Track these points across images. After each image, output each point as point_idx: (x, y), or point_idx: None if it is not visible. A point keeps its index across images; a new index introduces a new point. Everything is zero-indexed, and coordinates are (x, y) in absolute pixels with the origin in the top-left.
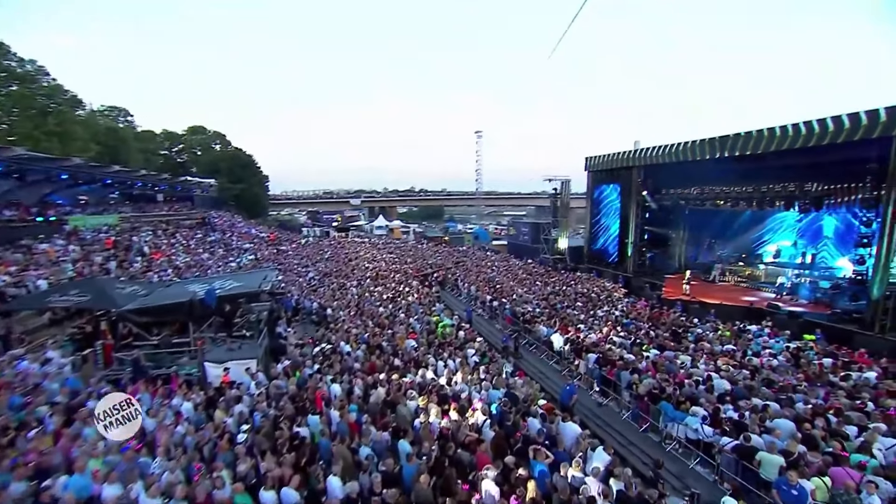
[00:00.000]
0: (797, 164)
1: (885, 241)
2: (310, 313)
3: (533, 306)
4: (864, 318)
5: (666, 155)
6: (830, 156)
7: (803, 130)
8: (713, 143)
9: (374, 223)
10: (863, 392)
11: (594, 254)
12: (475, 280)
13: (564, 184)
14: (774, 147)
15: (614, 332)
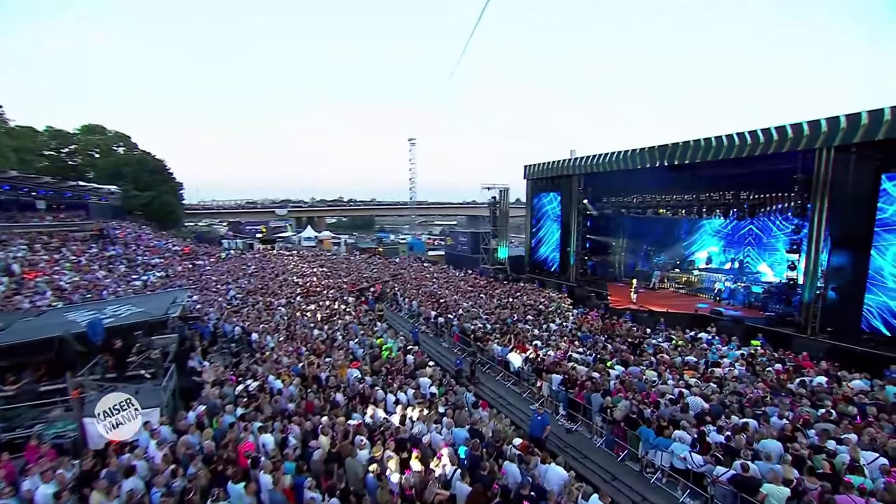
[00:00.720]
0: (732, 173)
1: (814, 247)
2: (231, 340)
3: (483, 322)
4: (797, 322)
5: (605, 163)
6: (763, 166)
7: (737, 141)
8: (651, 153)
9: (303, 234)
10: (825, 400)
11: (535, 263)
12: (416, 294)
13: (503, 192)
14: (711, 157)
15: (572, 348)
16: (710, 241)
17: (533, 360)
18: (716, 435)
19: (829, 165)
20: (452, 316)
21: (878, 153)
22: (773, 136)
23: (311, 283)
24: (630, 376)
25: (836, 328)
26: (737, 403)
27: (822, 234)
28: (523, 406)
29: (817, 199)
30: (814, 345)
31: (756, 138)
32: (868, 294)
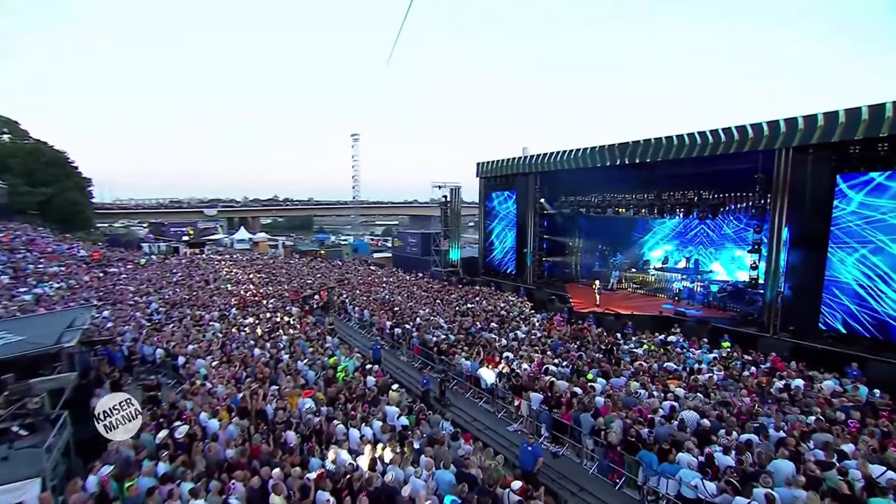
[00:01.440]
0: (694, 172)
1: (774, 246)
2: (152, 366)
3: (445, 332)
4: (761, 321)
5: (563, 161)
6: (724, 165)
7: (698, 140)
8: (611, 151)
9: (235, 236)
10: (811, 405)
11: (490, 265)
12: (367, 302)
13: (454, 191)
14: (672, 155)
15: (546, 359)
16: (665, 240)
17: (507, 376)
18: (722, 457)
19: (788, 166)
20: (410, 326)
21: (833, 154)
22: (734, 136)
23: (248, 291)
24: (614, 389)
25: (797, 327)
26: (727, 414)
27: (782, 233)
28: (499, 428)
29: (777, 199)
30: (778, 344)
31: (717, 137)
32: (825, 293)
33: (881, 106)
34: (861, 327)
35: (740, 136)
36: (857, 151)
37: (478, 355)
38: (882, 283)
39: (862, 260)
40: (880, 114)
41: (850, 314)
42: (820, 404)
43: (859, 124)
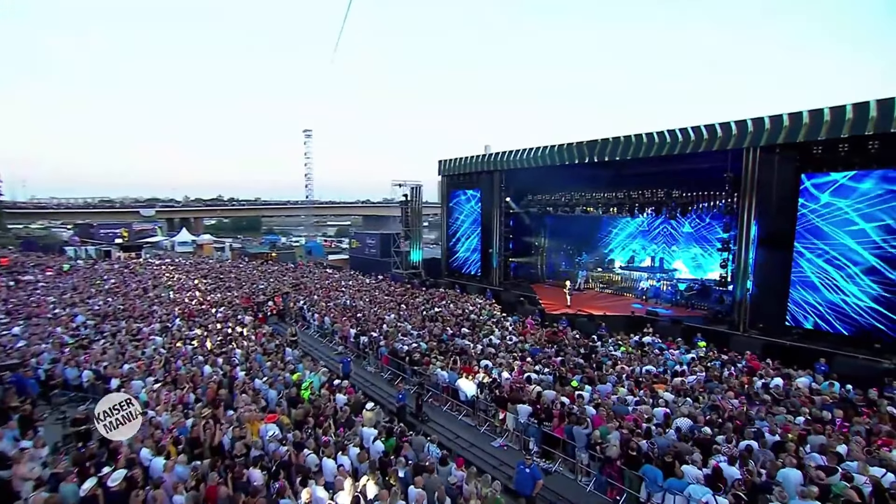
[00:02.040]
0: (663, 171)
1: (743, 245)
2: (78, 392)
3: (414, 339)
4: (732, 319)
5: (529, 159)
6: (694, 164)
7: (668, 139)
8: (580, 148)
9: (176, 238)
10: (799, 407)
11: (454, 266)
12: (327, 308)
13: (415, 190)
14: (642, 153)
15: (526, 366)
16: (630, 239)
17: (489, 387)
18: (729, 468)
19: (756, 165)
20: (377, 334)
21: (797, 154)
22: (703, 135)
23: (194, 299)
24: (601, 397)
25: (766, 324)
26: (717, 419)
27: (750, 232)
28: (483, 444)
29: (745, 198)
30: (750, 342)
31: (686, 136)
32: (792, 290)
33: (842, 108)
34: (826, 323)
35: (709, 135)
36: (819, 152)
37: (454, 364)
38: (844, 280)
39: (825, 258)
40: (841, 115)
41: (816, 311)
42: (804, 403)
43: (822, 125)
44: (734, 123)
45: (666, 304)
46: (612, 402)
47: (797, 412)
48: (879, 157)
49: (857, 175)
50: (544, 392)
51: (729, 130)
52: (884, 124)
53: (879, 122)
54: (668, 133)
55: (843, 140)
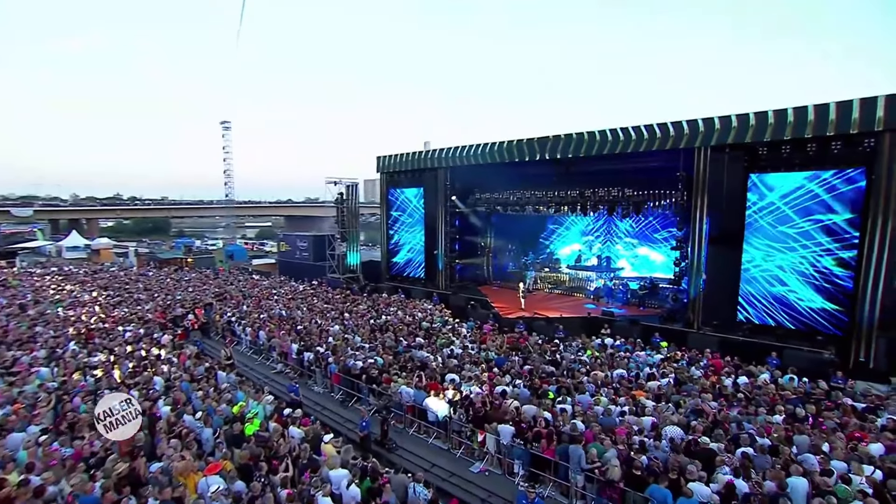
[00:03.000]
0: (617, 169)
1: (696, 243)
2: None
3: (368, 354)
4: (687, 318)
5: (476, 155)
6: (647, 163)
7: (621, 137)
8: (530, 145)
9: (64, 243)
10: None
11: (395, 269)
12: (259, 320)
13: (351, 188)
14: (595, 151)
15: (496, 378)
16: (576, 238)
17: (462, 405)
18: (739, 482)
19: (707, 164)
20: (324, 349)
21: (745, 154)
22: (657, 134)
23: (93, 316)
24: (583, 409)
25: (719, 321)
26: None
27: (702, 230)
28: (461, 470)
29: (697, 197)
30: (706, 339)
31: (640, 135)
32: (741, 286)
33: (784, 111)
34: (772, 318)
35: (662, 133)
36: (765, 152)
37: (419, 381)
38: (787, 275)
39: (771, 254)
40: (783, 118)
41: (763, 306)
42: (773, 400)
43: (766, 127)
44: (686, 123)
45: (618, 304)
46: (597, 415)
47: (773, 411)
48: (817, 158)
49: (796, 175)
50: (523, 408)
51: (681, 129)
52: (820, 128)
53: (817, 126)
54: (622, 131)
55: (785, 142)
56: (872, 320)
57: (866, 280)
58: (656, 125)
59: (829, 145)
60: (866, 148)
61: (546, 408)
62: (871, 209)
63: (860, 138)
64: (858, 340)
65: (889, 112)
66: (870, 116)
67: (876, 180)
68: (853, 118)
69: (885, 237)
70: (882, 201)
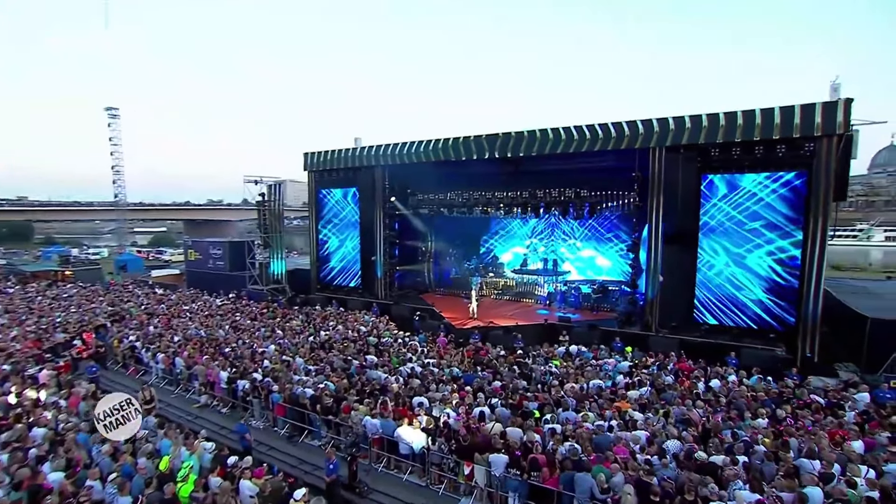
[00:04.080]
0: (570, 169)
1: (652, 245)
2: None
3: (316, 378)
4: (645, 321)
5: (418, 153)
6: (599, 163)
7: (575, 135)
8: (478, 142)
9: None
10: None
11: (327, 278)
12: (174, 343)
13: (275, 188)
14: (549, 150)
15: (467, 397)
16: (519, 241)
17: (442, 434)
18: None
19: (662, 165)
20: (261, 375)
21: (698, 155)
22: (612, 133)
23: None
24: (572, 426)
25: (677, 322)
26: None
27: (659, 231)
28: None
29: (653, 198)
30: (667, 342)
31: (594, 133)
32: (697, 288)
33: (734, 114)
34: (727, 317)
35: (616, 133)
36: (717, 154)
37: (384, 408)
38: (740, 275)
39: (725, 254)
40: (734, 121)
41: (718, 306)
42: (749, 402)
43: (718, 129)
44: (640, 122)
45: (571, 309)
46: (589, 433)
47: (755, 414)
48: (764, 160)
49: (746, 177)
50: (508, 431)
51: (636, 129)
52: (767, 131)
53: (764, 129)
54: (575, 129)
55: (736, 144)
56: (816, 316)
57: (809, 277)
58: (611, 124)
59: (775, 148)
60: (807, 152)
61: (532, 429)
62: (811, 210)
63: (802, 142)
64: (804, 336)
65: (826, 118)
66: (809, 122)
67: (815, 183)
68: (795, 123)
69: (825, 236)
70: (821, 202)
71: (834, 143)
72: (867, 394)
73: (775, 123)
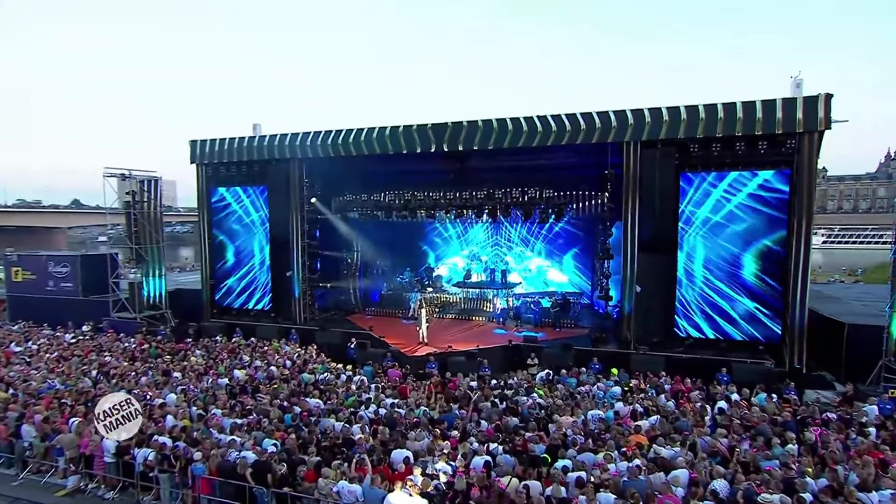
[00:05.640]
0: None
1: (629, 251)
2: None
3: (254, 436)
4: (623, 337)
5: (348, 145)
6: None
7: (539, 126)
8: (422, 132)
9: None
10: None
11: (225, 301)
12: (16, 402)
13: (151, 185)
14: (507, 143)
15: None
16: (456, 250)
17: (448, 498)
18: None
19: (637, 162)
20: (170, 440)
21: (677, 151)
22: (581, 125)
23: None
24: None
25: (659, 338)
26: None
27: (635, 235)
28: None
29: (628, 198)
30: (651, 360)
31: (561, 125)
32: (678, 297)
33: (713, 106)
34: (712, 329)
35: (587, 124)
36: (697, 150)
37: (361, 469)
38: (722, 284)
39: (705, 261)
40: (714, 114)
41: (702, 317)
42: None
43: (698, 122)
44: (613, 114)
45: (529, 327)
46: (619, 479)
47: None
48: (746, 157)
49: (727, 175)
50: (530, 485)
51: (608, 121)
52: (748, 126)
53: (745, 124)
54: (539, 119)
55: (717, 139)
56: (803, 323)
57: (795, 281)
58: (580, 115)
59: (757, 145)
60: (789, 149)
61: (558, 480)
62: (794, 211)
63: (784, 139)
64: (791, 346)
65: (806, 114)
66: (791, 117)
67: (798, 181)
68: (777, 118)
69: (809, 238)
70: (804, 203)
71: (815, 139)
72: (876, 407)
73: (757, 118)
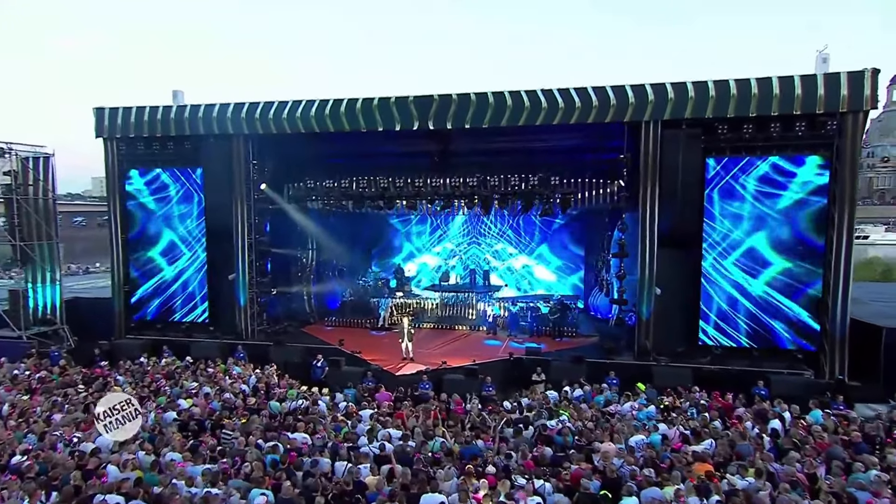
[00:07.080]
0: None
1: (648, 248)
2: None
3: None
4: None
5: (308, 119)
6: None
7: (544, 103)
8: (403, 107)
9: None
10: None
11: (142, 311)
12: None
13: (41, 164)
14: (506, 121)
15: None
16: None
17: None
18: None
19: (658, 145)
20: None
21: (703, 133)
22: (593, 101)
23: None
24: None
25: (683, 347)
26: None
27: (654, 229)
28: None
29: (647, 186)
30: (677, 373)
31: (569, 101)
32: (703, 299)
33: (746, 82)
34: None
35: (600, 101)
36: (725, 132)
37: None
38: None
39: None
40: (747, 90)
41: (730, 322)
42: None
43: (729, 100)
44: (630, 88)
45: (526, 337)
46: None
47: (865, 464)
48: (782, 140)
49: (760, 160)
50: None
51: (624, 97)
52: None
53: (783, 103)
54: (543, 94)
55: (749, 119)
56: (844, 328)
57: (836, 279)
58: (591, 89)
59: (794, 126)
60: (829, 131)
61: None
62: (836, 202)
63: (825, 119)
64: (832, 354)
65: (852, 91)
66: (834, 95)
67: (839, 169)
68: (819, 95)
69: (852, 231)
70: (847, 192)
71: (860, 120)
72: None
73: (796, 95)
